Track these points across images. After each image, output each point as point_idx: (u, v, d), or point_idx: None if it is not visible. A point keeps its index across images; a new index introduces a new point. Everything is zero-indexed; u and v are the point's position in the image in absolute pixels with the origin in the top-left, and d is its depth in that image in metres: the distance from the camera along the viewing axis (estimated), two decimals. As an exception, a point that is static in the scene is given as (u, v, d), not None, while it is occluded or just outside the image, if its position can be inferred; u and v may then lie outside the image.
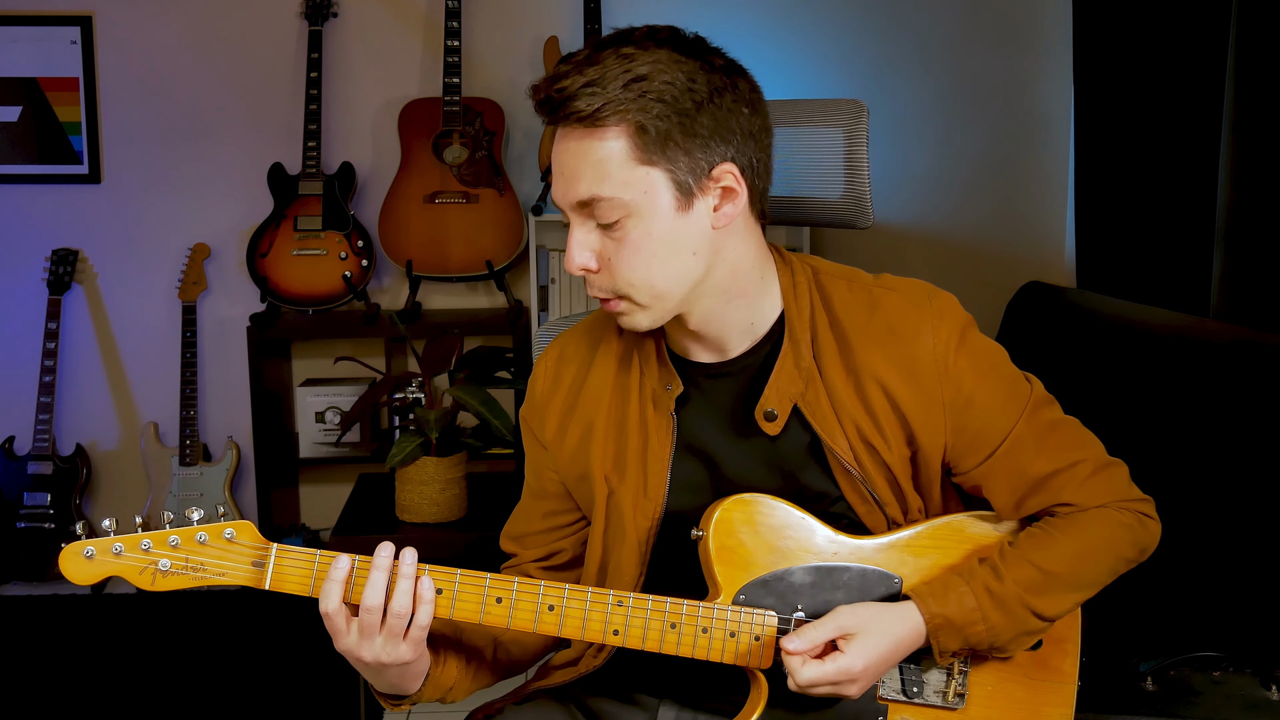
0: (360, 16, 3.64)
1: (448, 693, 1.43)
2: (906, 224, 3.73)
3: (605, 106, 1.27)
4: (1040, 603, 1.35)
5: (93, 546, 1.27)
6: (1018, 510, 1.42)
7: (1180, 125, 2.88)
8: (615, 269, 1.33)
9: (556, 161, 1.33)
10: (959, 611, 1.33)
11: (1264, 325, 2.34)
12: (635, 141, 1.28)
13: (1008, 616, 1.34)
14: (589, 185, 1.29)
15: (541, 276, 3.53)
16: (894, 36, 3.67)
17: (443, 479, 2.78)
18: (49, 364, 3.53)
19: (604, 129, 1.28)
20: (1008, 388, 1.41)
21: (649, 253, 1.31)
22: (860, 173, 1.62)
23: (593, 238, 1.33)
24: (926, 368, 1.37)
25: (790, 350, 1.39)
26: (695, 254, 1.33)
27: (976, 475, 1.41)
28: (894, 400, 1.38)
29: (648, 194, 1.30)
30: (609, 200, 1.29)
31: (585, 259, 1.33)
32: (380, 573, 1.28)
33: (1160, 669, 1.68)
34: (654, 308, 1.35)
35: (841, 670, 1.28)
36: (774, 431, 1.39)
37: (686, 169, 1.30)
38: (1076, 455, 1.40)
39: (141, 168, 3.66)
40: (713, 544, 1.34)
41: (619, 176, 1.29)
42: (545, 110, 1.31)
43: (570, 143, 1.30)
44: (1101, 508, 1.40)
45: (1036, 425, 1.40)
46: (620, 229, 1.31)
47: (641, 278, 1.32)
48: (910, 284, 1.43)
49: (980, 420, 1.39)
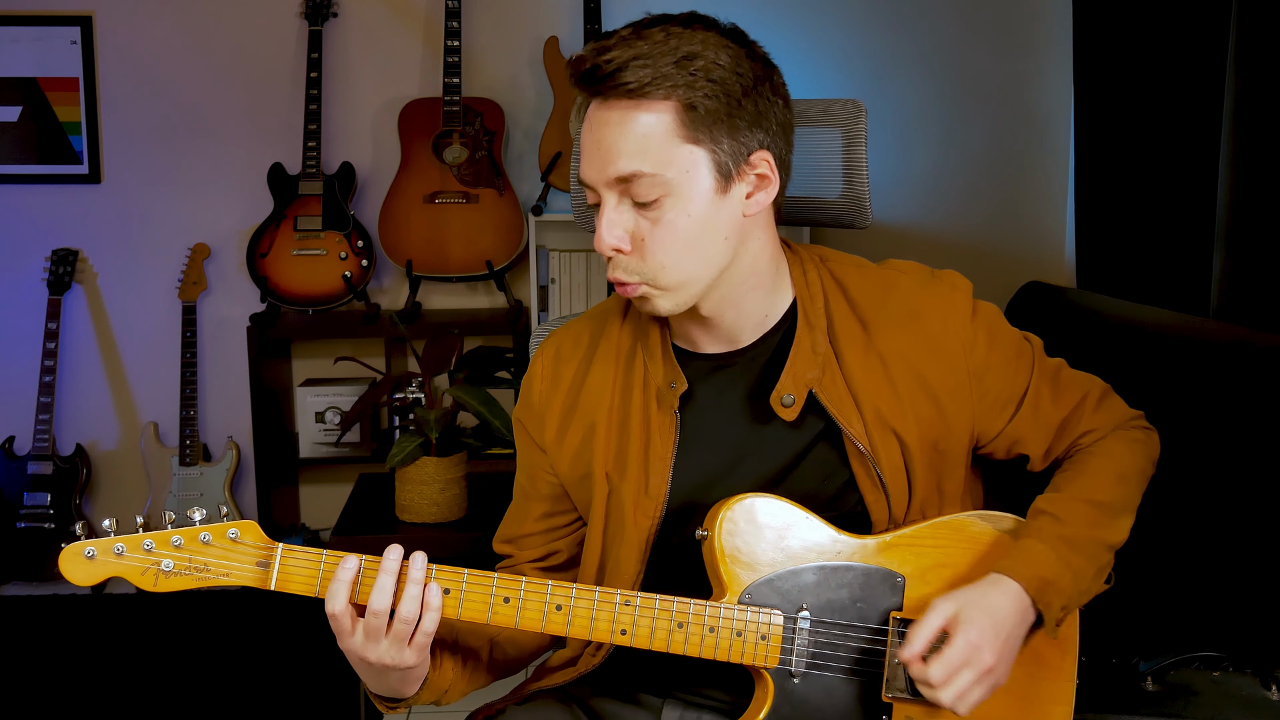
0: (360, 16, 3.64)
1: (444, 694, 1.43)
2: (906, 224, 3.73)
3: (655, 81, 1.26)
4: (1106, 533, 1.39)
5: (94, 547, 1.26)
6: (1048, 457, 1.48)
7: (1180, 125, 2.88)
8: (648, 250, 1.31)
9: (592, 136, 1.30)
10: (1047, 567, 1.33)
11: (1264, 325, 2.34)
12: (682, 119, 1.28)
13: (1085, 556, 1.36)
14: (630, 160, 1.28)
15: (541, 276, 3.53)
16: (894, 36, 3.67)
17: (443, 479, 2.78)
18: (49, 364, 3.53)
19: (651, 103, 1.27)
20: (1015, 346, 1.47)
21: (685, 234, 1.31)
22: (859, 173, 1.63)
23: (627, 217, 1.31)
24: (949, 341, 1.41)
25: (806, 336, 1.40)
26: (726, 240, 1.33)
27: (1007, 434, 1.46)
28: (923, 379, 1.40)
29: (689, 173, 1.29)
30: (650, 177, 1.28)
31: (618, 238, 1.31)
32: (389, 576, 1.27)
33: (1160, 669, 1.68)
34: (679, 292, 1.34)
35: (969, 645, 1.27)
36: (790, 417, 1.39)
37: (728, 152, 1.30)
38: (1083, 389, 1.48)
39: (141, 168, 3.66)
40: (718, 544, 1.34)
41: (662, 153, 1.28)
42: (589, 82, 1.29)
43: (612, 114, 1.28)
44: (1115, 431, 1.47)
45: (1047, 373, 1.47)
46: (657, 208, 1.29)
47: (674, 260, 1.31)
48: (913, 265, 1.48)
49: (1000, 381, 1.44)
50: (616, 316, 1.51)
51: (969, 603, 1.30)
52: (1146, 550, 1.60)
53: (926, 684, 1.27)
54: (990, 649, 1.28)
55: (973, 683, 1.27)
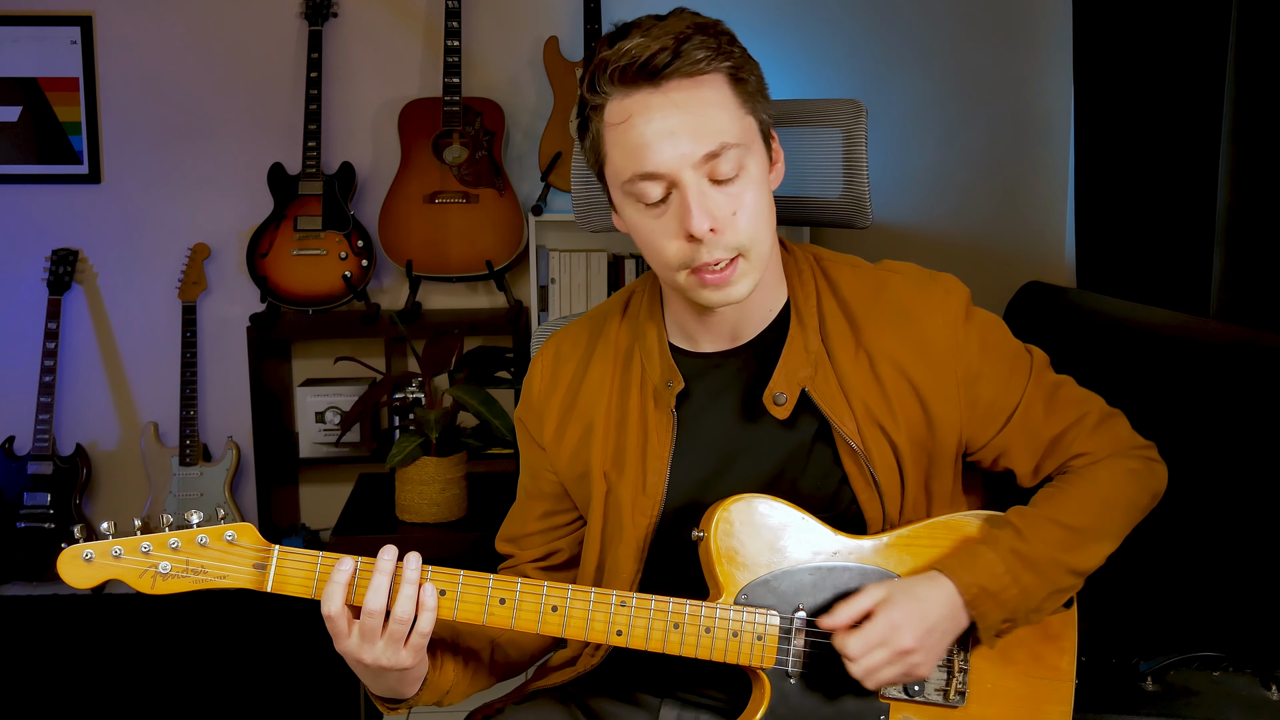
0: (360, 16, 3.64)
1: (445, 696, 1.43)
2: (906, 224, 3.73)
3: (705, 57, 1.27)
4: (1071, 558, 1.37)
5: (91, 549, 1.26)
6: (1036, 475, 1.45)
7: (1180, 125, 2.88)
8: (739, 224, 1.30)
9: (660, 125, 1.27)
10: (992, 578, 1.33)
11: (1264, 325, 2.34)
12: (735, 89, 1.29)
13: (1039, 576, 1.35)
14: (718, 134, 1.27)
15: (541, 276, 3.53)
16: (894, 36, 3.67)
17: (443, 479, 2.78)
18: (49, 364, 3.53)
19: (709, 77, 1.28)
20: (1012, 356, 1.45)
21: (760, 204, 1.31)
22: (859, 173, 1.63)
23: (712, 197, 1.29)
24: (938, 345, 1.40)
25: (798, 334, 1.40)
26: (774, 214, 1.35)
27: (995, 445, 1.44)
28: (910, 379, 1.39)
29: (755, 143, 1.31)
30: (736, 147, 1.28)
31: (712, 217, 1.29)
32: (383, 576, 1.27)
33: (1160, 669, 1.67)
34: (760, 268, 1.34)
35: (889, 625, 1.28)
36: (783, 416, 1.39)
37: (767, 122, 1.33)
38: (1081, 410, 1.44)
39: (141, 168, 3.67)
40: (714, 545, 1.34)
41: (737, 123, 1.29)
42: (639, 75, 1.27)
43: (678, 95, 1.27)
44: (1110, 457, 1.43)
45: (1043, 388, 1.44)
46: (739, 181, 1.29)
47: (760, 231, 1.31)
48: (910, 267, 1.47)
49: (992, 390, 1.42)
50: (615, 317, 1.51)
51: (899, 589, 1.31)
52: (1146, 550, 1.60)
53: (845, 655, 1.29)
54: (911, 632, 1.29)
55: (886, 660, 1.29)
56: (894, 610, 1.29)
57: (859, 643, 1.28)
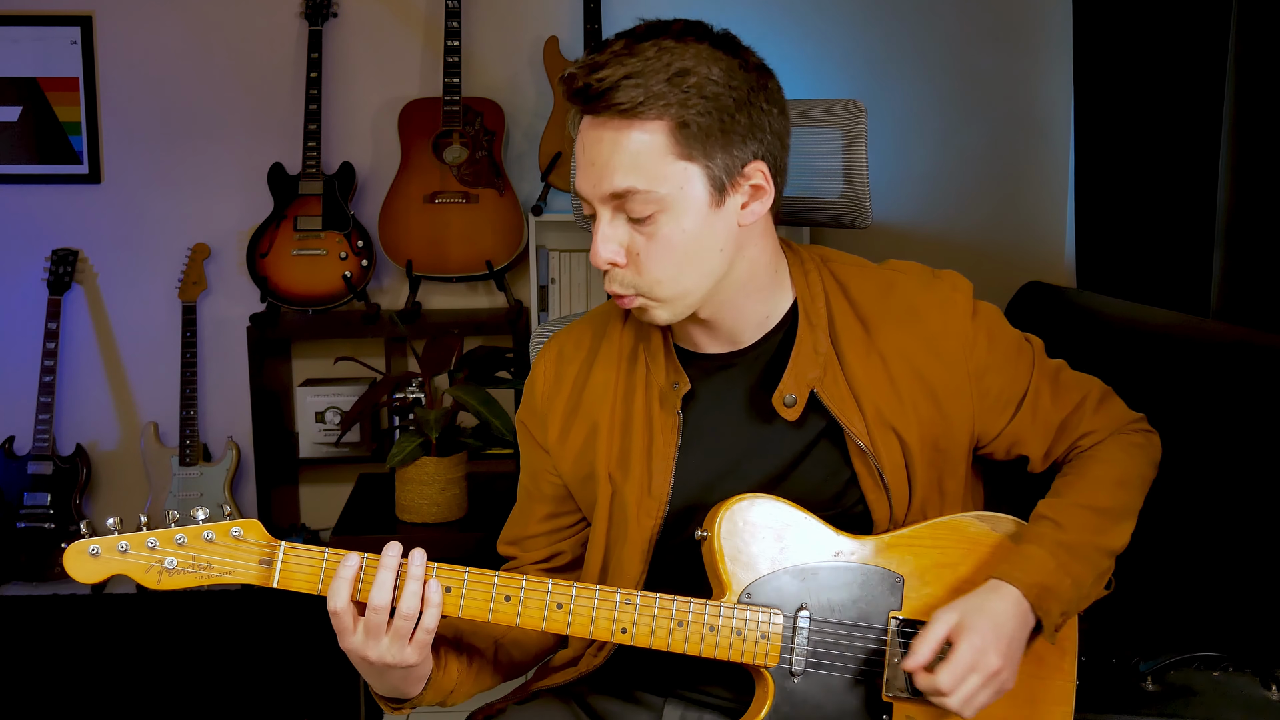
0: (360, 16, 3.64)
1: (449, 695, 1.43)
2: (906, 224, 3.73)
3: (648, 100, 1.26)
4: (1106, 539, 1.39)
5: (98, 544, 1.26)
6: (1047, 459, 1.48)
7: (1180, 125, 2.89)
8: (644, 264, 1.32)
9: (586, 151, 1.30)
10: (1047, 574, 1.34)
11: (1264, 325, 2.34)
12: (675, 136, 1.28)
13: (1085, 563, 1.36)
14: (624, 177, 1.28)
15: (541, 276, 3.53)
16: (894, 36, 3.67)
17: (443, 479, 2.78)
18: (49, 364, 3.53)
19: (644, 121, 1.27)
20: (1015, 345, 1.47)
21: (680, 248, 1.31)
22: (859, 173, 1.63)
23: (622, 232, 1.32)
24: (949, 341, 1.42)
25: (807, 335, 1.41)
26: (721, 251, 1.34)
27: (1007, 435, 1.46)
28: (923, 377, 1.41)
29: (683, 189, 1.29)
30: (644, 194, 1.28)
31: (613, 253, 1.32)
32: (388, 572, 1.28)
33: (1160, 669, 1.68)
34: (676, 304, 1.35)
35: (974, 650, 1.28)
36: (792, 417, 1.40)
37: (722, 166, 1.30)
38: (1083, 390, 1.48)
39: (141, 168, 3.66)
40: (717, 544, 1.34)
41: (656, 170, 1.28)
42: (580, 99, 1.29)
43: (605, 133, 1.28)
44: (1114, 435, 1.47)
45: (1047, 374, 1.48)
46: (652, 223, 1.30)
47: (670, 274, 1.32)
48: (914, 265, 1.49)
49: (1000, 381, 1.44)
50: (618, 318, 1.51)
51: (970, 609, 1.31)
52: (1146, 550, 1.60)
53: (936, 692, 1.28)
54: (995, 652, 1.29)
55: (980, 686, 1.28)
56: (974, 634, 1.29)
57: (949, 677, 1.27)
